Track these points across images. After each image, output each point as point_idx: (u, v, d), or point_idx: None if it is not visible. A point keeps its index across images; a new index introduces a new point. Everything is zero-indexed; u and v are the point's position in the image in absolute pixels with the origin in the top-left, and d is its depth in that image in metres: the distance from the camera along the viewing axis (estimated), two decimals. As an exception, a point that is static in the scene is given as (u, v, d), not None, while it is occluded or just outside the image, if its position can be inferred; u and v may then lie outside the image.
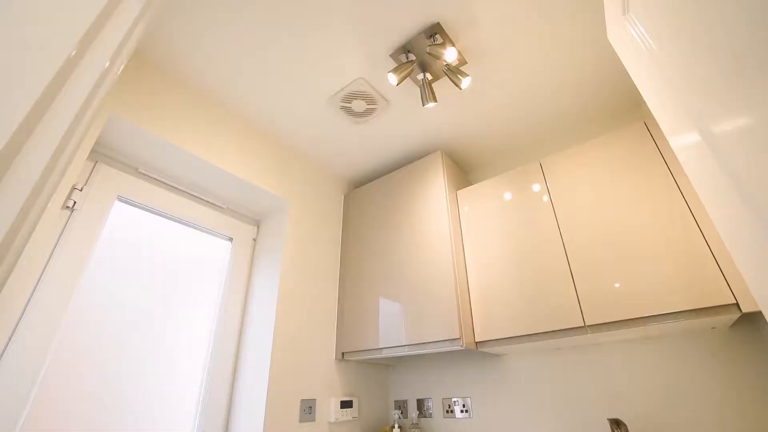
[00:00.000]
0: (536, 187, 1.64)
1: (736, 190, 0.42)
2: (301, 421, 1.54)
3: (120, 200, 1.45)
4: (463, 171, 2.28)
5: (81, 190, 1.30)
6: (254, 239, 1.91)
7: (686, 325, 1.25)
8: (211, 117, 1.67)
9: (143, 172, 1.53)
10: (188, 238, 1.67)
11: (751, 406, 1.24)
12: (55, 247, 1.21)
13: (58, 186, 0.45)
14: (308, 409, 1.59)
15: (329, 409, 1.68)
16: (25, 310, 1.11)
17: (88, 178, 1.35)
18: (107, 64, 0.43)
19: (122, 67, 0.47)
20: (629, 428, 1.40)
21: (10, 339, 1.07)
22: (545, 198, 1.59)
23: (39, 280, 1.16)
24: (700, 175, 0.49)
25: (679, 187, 1.30)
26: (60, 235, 1.23)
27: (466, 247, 1.74)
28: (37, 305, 1.13)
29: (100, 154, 1.42)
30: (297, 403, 1.56)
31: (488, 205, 1.76)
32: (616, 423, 1.30)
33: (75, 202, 1.28)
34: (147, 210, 1.54)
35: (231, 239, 1.81)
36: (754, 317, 1.30)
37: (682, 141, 0.51)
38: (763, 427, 1.21)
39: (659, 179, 1.35)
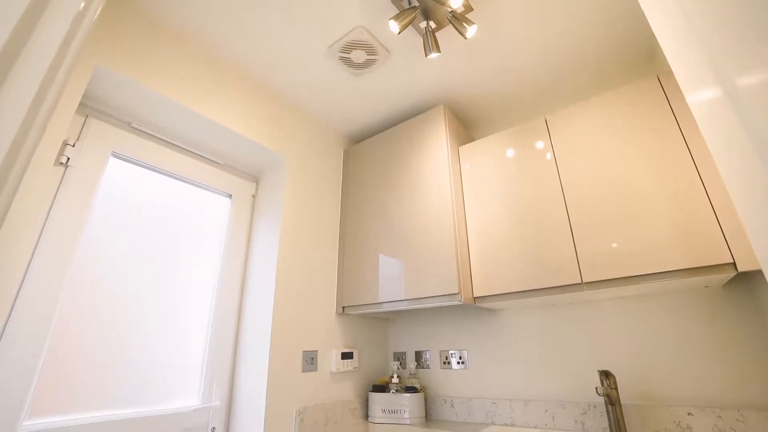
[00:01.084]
0: (540, 144, 1.60)
1: (754, 147, 0.40)
2: (303, 371, 1.61)
3: (115, 156, 1.42)
4: (466, 126, 2.22)
5: (73, 146, 1.27)
6: (253, 195, 1.90)
7: (681, 283, 1.26)
8: (206, 70, 1.59)
9: (137, 127, 1.49)
10: (187, 195, 1.65)
11: (737, 364, 1.29)
12: (52, 203, 1.20)
13: (42, 137, 0.42)
14: (310, 360, 1.66)
15: (330, 360, 1.75)
16: (27, 270, 1.12)
17: (80, 133, 1.31)
18: (82, 6, 0.40)
19: (99, 9, 0.44)
20: (617, 379, 1.46)
21: (14, 303, 1.08)
22: (548, 155, 1.56)
23: (39, 239, 1.16)
24: (716, 131, 0.47)
25: (688, 146, 1.27)
26: (56, 192, 1.22)
27: (466, 204, 1.73)
28: (39, 264, 1.14)
29: (90, 108, 1.37)
30: (299, 354, 1.62)
31: (490, 162, 1.73)
32: (605, 374, 1.36)
33: (69, 158, 1.25)
34: (144, 166, 1.51)
35: (230, 196, 1.80)
36: (748, 276, 1.32)
37: (700, 96, 0.48)
38: (747, 385, 1.26)
39: (668, 137, 1.31)
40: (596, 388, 1.34)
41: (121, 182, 1.43)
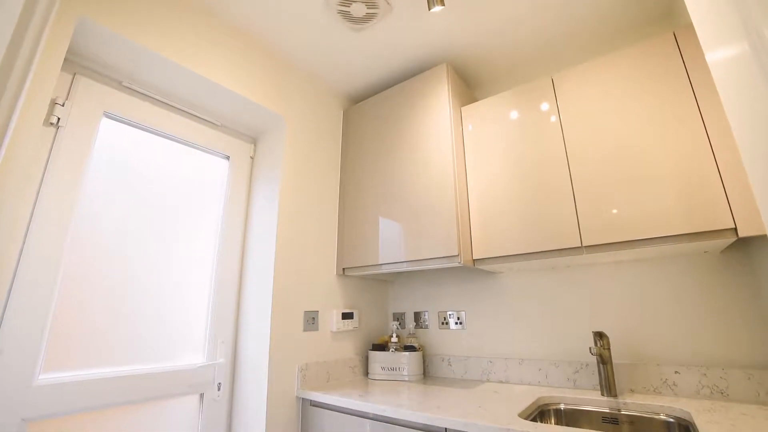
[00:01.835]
0: (545, 106, 1.55)
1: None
2: (305, 330, 1.66)
3: (107, 117, 1.38)
4: (469, 86, 2.14)
5: (63, 105, 1.23)
6: (252, 157, 1.86)
7: (681, 248, 1.27)
8: (199, 24, 1.51)
9: (128, 86, 1.43)
10: (185, 156, 1.62)
11: (727, 326, 1.32)
12: (47, 165, 1.18)
13: (23, 91, 0.40)
14: (311, 320, 1.70)
15: (331, 320, 1.79)
16: (27, 232, 1.12)
17: (69, 92, 1.26)
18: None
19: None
20: (611, 340, 1.50)
21: (17, 264, 1.10)
22: (553, 118, 1.51)
23: (36, 201, 1.15)
24: (735, 90, 0.44)
25: (699, 108, 1.22)
26: (50, 153, 1.19)
27: (468, 166, 1.71)
28: (38, 226, 1.14)
29: (77, 65, 1.31)
30: (301, 314, 1.66)
31: (493, 124, 1.68)
32: (599, 335, 1.39)
33: (59, 119, 1.21)
34: (138, 127, 1.47)
35: (228, 157, 1.77)
36: (748, 242, 1.32)
37: (722, 51, 0.45)
38: (734, 346, 1.30)
39: (679, 98, 1.27)
40: (590, 348, 1.38)
41: (116, 144, 1.40)
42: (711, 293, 1.36)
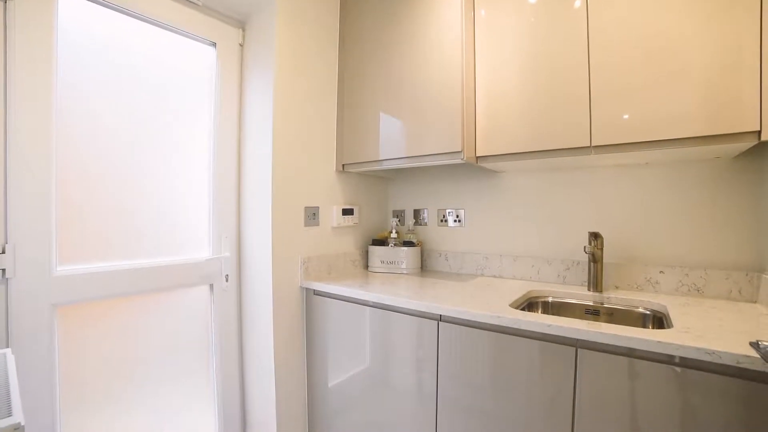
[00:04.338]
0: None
1: None
2: (306, 225, 1.69)
3: (64, -13, 1.19)
4: (487, -43, 1.83)
5: (5, -28, 1.05)
6: (241, 44, 1.68)
7: (693, 152, 1.22)
8: None
9: (84, -55, 1.20)
10: (165, 42, 1.45)
11: (723, 232, 1.34)
12: (5, 44, 1.06)
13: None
14: (312, 216, 1.72)
15: (332, 216, 1.82)
16: (6, 127, 1.05)
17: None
18: None
19: None
20: (605, 241, 1.55)
21: (6, 169, 1.06)
22: (578, 3, 1.31)
23: (6, 81, 1.05)
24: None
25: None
26: (5, 30, 1.06)
27: (477, 57, 1.55)
28: (17, 114, 1.07)
29: None
30: (301, 210, 1.67)
31: (509, 9, 1.46)
32: (594, 235, 1.43)
33: (5, -10, 1.05)
34: (104, 5, 1.27)
35: (214, 44, 1.59)
36: (764, 149, 1.26)
37: None
38: (725, 252, 1.34)
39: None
40: (584, 247, 1.43)
41: (88, 27, 1.24)
42: (712, 199, 1.36)
